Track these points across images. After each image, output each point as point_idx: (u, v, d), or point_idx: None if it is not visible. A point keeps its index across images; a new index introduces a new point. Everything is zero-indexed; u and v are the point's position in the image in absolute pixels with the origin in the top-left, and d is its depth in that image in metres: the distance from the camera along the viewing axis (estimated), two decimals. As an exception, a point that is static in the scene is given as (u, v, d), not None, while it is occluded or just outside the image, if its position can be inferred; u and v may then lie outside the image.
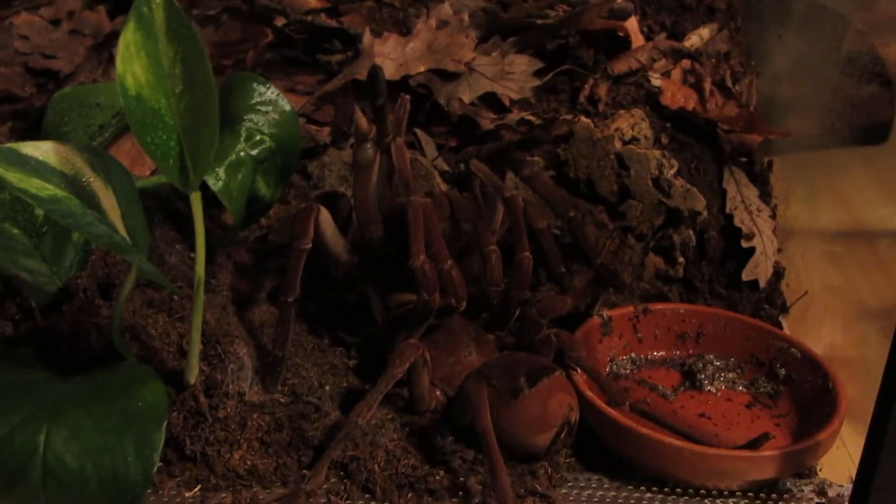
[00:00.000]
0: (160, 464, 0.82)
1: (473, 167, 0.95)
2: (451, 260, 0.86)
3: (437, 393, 0.91)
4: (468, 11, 1.21)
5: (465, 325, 0.94)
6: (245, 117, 0.95)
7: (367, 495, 0.83)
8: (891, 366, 0.72)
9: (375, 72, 0.89)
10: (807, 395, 0.93)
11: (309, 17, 1.22)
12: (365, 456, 0.83)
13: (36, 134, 1.12)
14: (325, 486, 0.83)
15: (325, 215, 0.91)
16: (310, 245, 0.89)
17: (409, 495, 0.82)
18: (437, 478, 0.83)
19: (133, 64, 0.70)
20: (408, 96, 0.91)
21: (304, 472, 0.84)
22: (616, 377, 0.96)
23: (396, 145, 0.89)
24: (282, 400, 0.87)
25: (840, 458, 0.91)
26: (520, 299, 0.92)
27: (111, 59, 1.22)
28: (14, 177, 0.68)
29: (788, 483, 0.86)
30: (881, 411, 0.74)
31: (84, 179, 0.73)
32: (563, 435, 0.83)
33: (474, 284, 0.92)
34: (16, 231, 0.93)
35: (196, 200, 0.74)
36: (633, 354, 0.99)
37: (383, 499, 0.82)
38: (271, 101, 0.96)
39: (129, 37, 0.70)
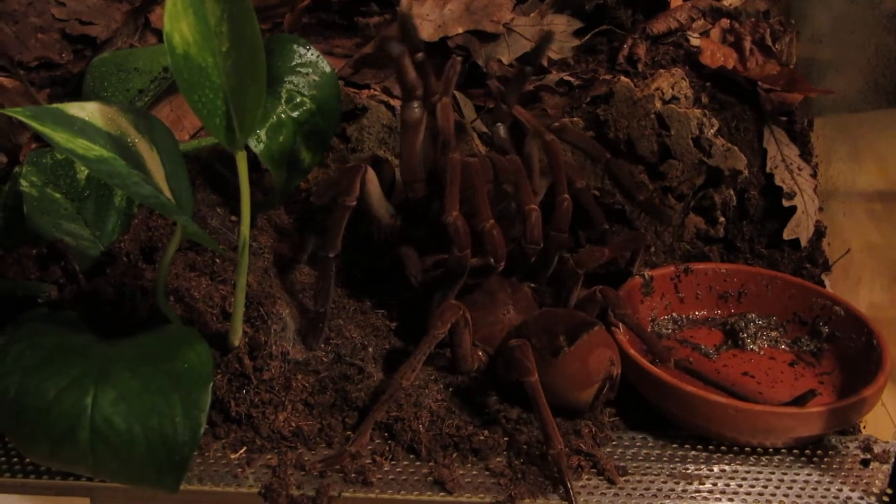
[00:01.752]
0: (206, 426, 0.83)
1: (516, 112, 0.94)
2: (493, 219, 0.86)
3: (479, 353, 0.91)
4: (505, -29, 1.21)
5: (503, 284, 0.94)
6: (286, 79, 0.95)
7: (411, 456, 0.83)
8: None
9: (403, 21, 0.88)
10: (851, 353, 0.92)
11: (345, -20, 1.22)
12: (409, 417, 0.84)
13: (75, 99, 1.12)
14: (369, 448, 0.83)
15: (371, 175, 0.91)
16: (354, 202, 0.89)
17: (454, 455, 0.83)
18: (482, 437, 0.83)
19: (180, 22, 0.69)
20: (459, 58, 0.91)
21: (349, 433, 0.84)
22: (658, 337, 0.96)
23: (442, 105, 0.89)
24: (325, 359, 0.88)
25: (882, 416, 0.91)
26: (560, 242, 0.92)
27: (148, 25, 1.22)
28: (61, 137, 0.68)
29: (833, 440, 0.86)
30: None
31: (129, 140, 0.73)
32: (605, 390, 0.83)
33: (513, 244, 0.92)
34: (58, 195, 0.94)
35: (242, 160, 0.74)
36: (674, 314, 0.99)
37: (428, 459, 0.82)
38: (311, 62, 0.96)
39: (175, -5, 0.70)
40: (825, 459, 0.84)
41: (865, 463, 0.84)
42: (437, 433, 0.84)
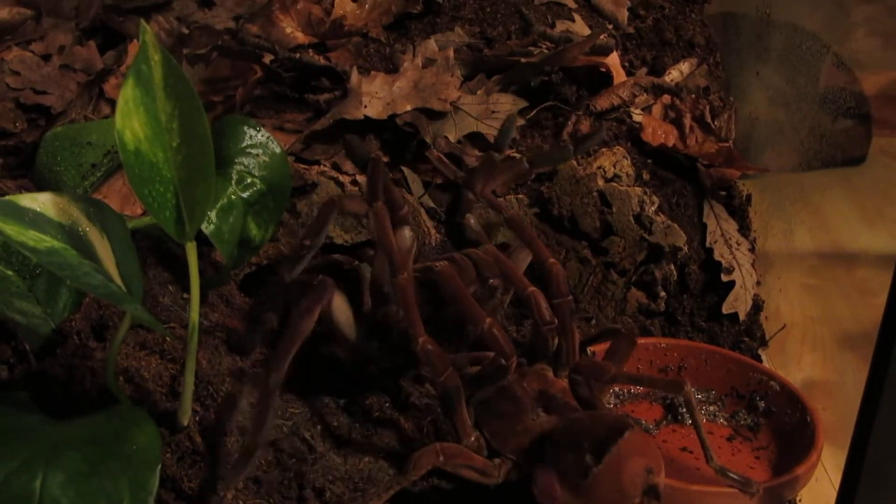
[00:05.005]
0: (155, 504, 0.84)
1: (488, 198, 0.92)
2: (489, 318, 0.80)
3: (505, 465, 0.82)
4: (453, 47, 1.24)
5: (524, 382, 0.85)
6: (236, 160, 0.96)
7: None
8: (868, 393, 0.74)
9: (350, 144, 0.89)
10: (786, 428, 0.95)
11: (297, 54, 1.24)
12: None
13: (27, 170, 1.13)
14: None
15: (338, 303, 0.86)
16: (310, 329, 0.81)
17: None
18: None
19: (132, 119, 0.71)
20: (379, 156, 0.88)
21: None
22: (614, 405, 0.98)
23: (373, 212, 0.85)
24: (285, 429, 0.89)
25: (823, 487, 0.94)
26: (569, 308, 0.85)
27: (102, 95, 1.24)
28: (12, 230, 0.69)
29: (769, 516, 0.88)
30: (858, 440, 0.77)
31: (80, 229, 0.75)
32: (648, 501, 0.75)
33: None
34: (10, 273, 0.94)
35: (192, 251, 0.76)
36: (615, 388, 1.01)
37: None
38: (261, 143, 0.98)
39: (128, 93, 0.72)
40: (760, 535, 0.86)
41: (799, 538, 0.86)
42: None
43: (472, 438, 0.83)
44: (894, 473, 0.76)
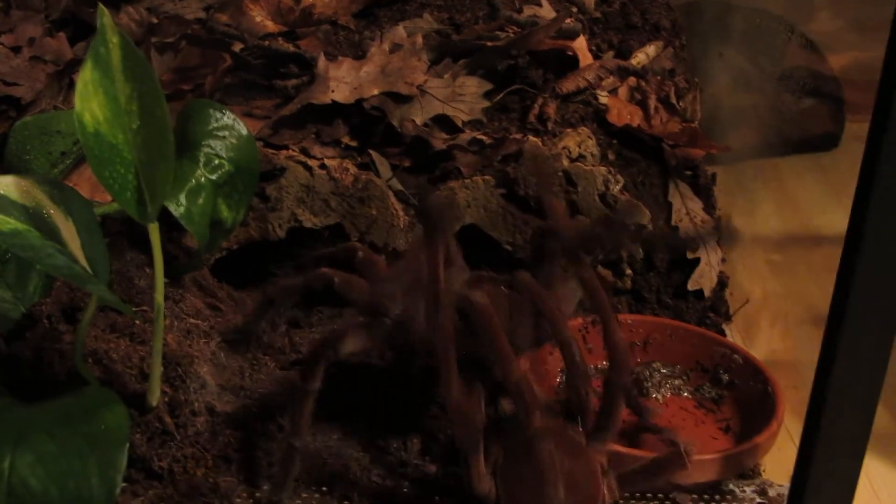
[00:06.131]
0: (126, 484, 0.85)
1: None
2: (521, 370, 0.75)
3: None
4: (422, 33, 1.25)
5: (551, 451, 0.75)
6: (203, 143, 0.97)
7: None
8: (821, 368, 0.76)
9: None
10: (748, 399, 0.97)
11: (266, 42, 1.25)
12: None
13: (-1, 159, 1.14)
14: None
15: (349, 343, 0.84)
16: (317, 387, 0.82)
17: None
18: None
19: (91, 102, 0.72)
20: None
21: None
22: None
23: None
24: (254, 410, 0.90)
25: (788, 455, 0.96)
26: (622, 388, 0.79)
27: (72, 86, 1.25)
28: (-24, 212, 0.71)
29: (731, 484, 0.90)
30: (813, 411, 0.78)
31: (44, 211, 0.76)
32: None
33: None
34: (-21, 259, 0.96)
35: (154, 231, 0.77)
36: (582, 366, 1.03)
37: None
38: (228, 126, 0.99)
39: (86, 75, 0.73)
40: (722, 503, 0.88)
41: (760, 506, 0.88)
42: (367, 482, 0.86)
43: (486, 489, 0.78)
44: (849, 436, 0.78)
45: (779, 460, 0.94)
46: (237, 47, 1.25)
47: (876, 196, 0.69)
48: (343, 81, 1.12)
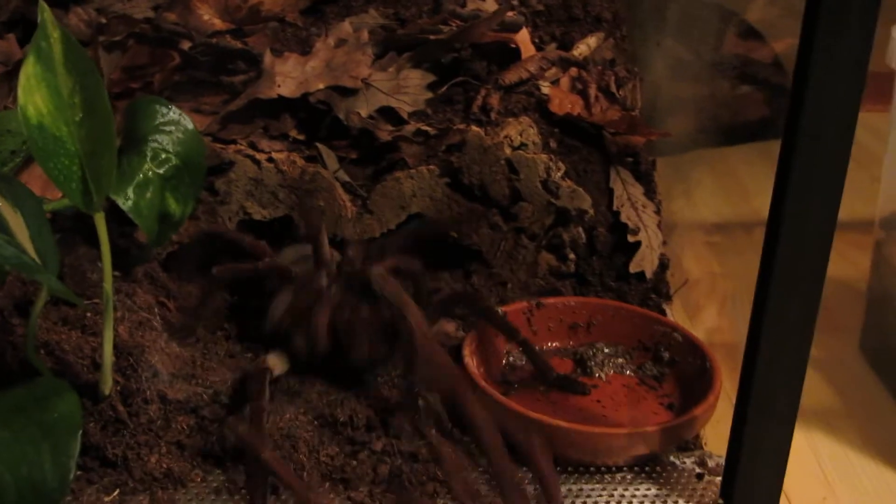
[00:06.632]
0: (80, 471, 0.87)
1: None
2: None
3: None
4: (367, 28, 1.27)
5: None
6: (150, 138, 0.99)
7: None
8: (750, 342, 0.79)
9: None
10: (688, 376, 1.00)
11: (214, 39, 1.27)
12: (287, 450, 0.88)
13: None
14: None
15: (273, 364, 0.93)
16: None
17: (327, 485, 0.87)
18: (352, 466, 0.88)
19: (34, 95, 0.74)
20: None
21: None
22: (512, 368, 1.03)
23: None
24: (205, 397, 0.92)
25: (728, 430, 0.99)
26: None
27: (22, 87, 1.26)
28: (-77, 205, 0.72)
29: (672, 456, 0.93)
30: (745, 383, 0.82)
31: (-8, 205, 0.78)
32: None
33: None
34: (-68, 255, 0.97)
35: (100, 221, 0.79)
36: (528, 347, 1.05)
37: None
38: (174, 121, 1.01)
39: (29, 69, 0.75)
40: (663, 475, 0.91)
41: (700, 477, 0.91)
42: (315, 462, 0.88)
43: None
44: (779, 405, 0.81)
45: (720, 433, 0.98)
46: (185, 45, 1.26)
47: (793, 179, 0.72)
48: (289, 76, 1.15)
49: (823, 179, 0.72)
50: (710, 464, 0.92)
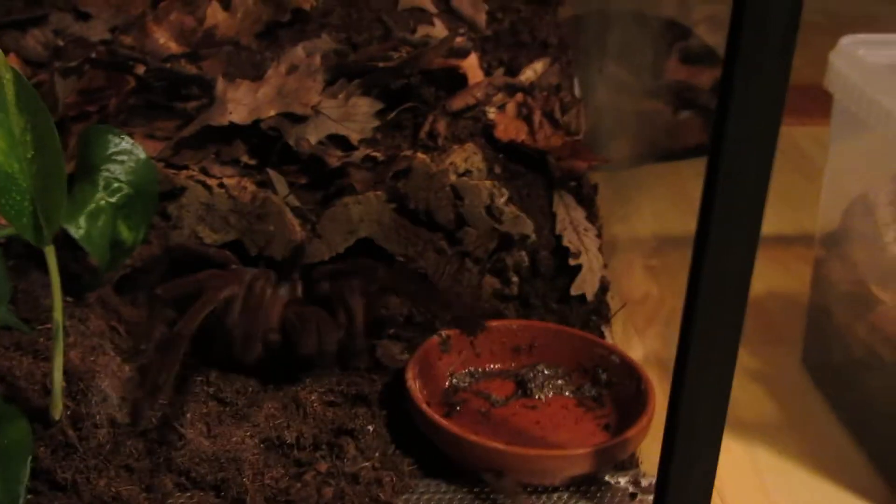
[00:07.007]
0: (31, 496, 0.89)
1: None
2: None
3: None
4: (320, 53, 1.30)
5: None
6: (103, 167, 1.02)
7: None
8: (678, 364, 0.83)
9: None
10: (625, 397, 1.04)
11: (168, 64, 1.29)
12: (232, 474, 0.91)
13: None
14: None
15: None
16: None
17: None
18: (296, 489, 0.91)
19: (-15, 134, 0.77)
20: None
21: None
22: (455, 390, 1.06)
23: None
24: (154, 421, 0.95)
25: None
26: None
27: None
28: None
29: (608, 476, 0.97)
30: (673, 404, 0.85)
31: (-56, 237, 0.80)
32: None
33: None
34: None
35: (50, 254, 0.82)
36: (471, 368, 1.09)
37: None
38: (127, 150, 1.03)
39: (-20, 109, 0.77)
40: (598, 495, 0.95)
41: (633, 496, 0.95)
42: (260, 485, 0.91)
43: None
44: (705, 425, 0.84)
45: (656, 453, 1.01)
46: (140, 69, 1.29)
47: (717, 196, 0.75)
48: (241, 103, 1.17)
49: (746, 197, 0.75)
50: (644, 483, 0.96)
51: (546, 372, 1.07)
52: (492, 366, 1.10)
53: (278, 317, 1.03)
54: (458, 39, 1.32)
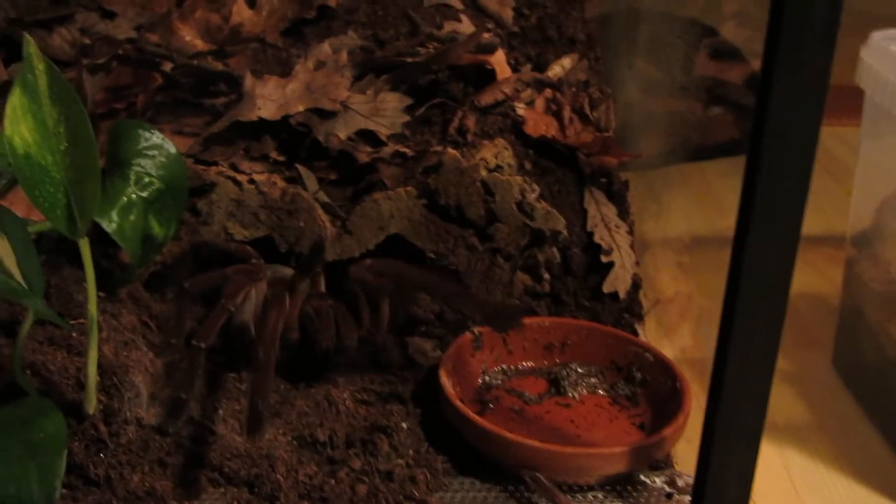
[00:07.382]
0: (65, 490, 0.89)
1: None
2: None
3: None
4: (347, 49, 1.30)
5: None
6: (133, 162, 1.01)
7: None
8: (717, 362, 0.82)
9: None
10: (659, 396, 1.02)
11: (195, 61, 1.29)
12: (265, 470, 0.90)
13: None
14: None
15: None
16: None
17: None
18: (330, 485, 0.90)
19: (20, 125, 0.76)
20: None
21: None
22: (488, 387, 1.05)
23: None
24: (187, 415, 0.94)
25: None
26: None
27: (6, 108, 1.28)
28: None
29: (643, 476, 0.95)
30: (711, 403, 0.84)
31: (-22, 230, 0.80)
32: None
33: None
34: (-82, 276, 0.99)
35: (84, 246, 0.81)
36: (503, 366, 1.08)
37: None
38: (157, 145, 1.03)
39: (15, 101, 0.77)
40: (633, 494, 0.94)
41: (669, 496, 0.94)
42: (293, 482, 0.90)
43: None
44: (745, 424, 0.83)
45: (691, 452, 1.00)
46: (167, 66, 1.28)
47: (758, 194, 0.74)
48: (269, 99, 1.17)
49: (786, 196, 0.74)
50: (680, 483, 0.95)
51: (579, 370, 1.06)
52: (524, 363, 1.09)
53: (297, 312, 1.03)
54: (486, 35, 1.31)
